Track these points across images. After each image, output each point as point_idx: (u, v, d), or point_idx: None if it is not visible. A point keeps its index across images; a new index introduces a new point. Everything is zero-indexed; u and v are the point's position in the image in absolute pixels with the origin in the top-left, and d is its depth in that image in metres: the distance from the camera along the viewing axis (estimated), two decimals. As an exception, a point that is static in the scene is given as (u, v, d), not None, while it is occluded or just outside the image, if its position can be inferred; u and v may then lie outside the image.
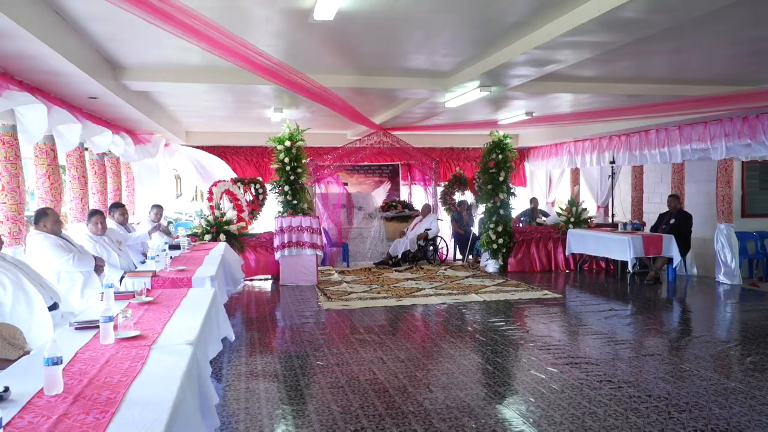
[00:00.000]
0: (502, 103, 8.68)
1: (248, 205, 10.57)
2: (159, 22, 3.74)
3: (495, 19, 4.65)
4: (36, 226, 4.97)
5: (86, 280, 5.07)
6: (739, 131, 8.02)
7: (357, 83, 6.69)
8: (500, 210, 10.19)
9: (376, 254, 11.52)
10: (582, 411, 3.87)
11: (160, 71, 6.26)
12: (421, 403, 4.04)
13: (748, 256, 9.65)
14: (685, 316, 7.32)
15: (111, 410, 1.94)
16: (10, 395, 2.04)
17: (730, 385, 4.36)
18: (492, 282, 9.04)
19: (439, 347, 5.59)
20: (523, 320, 6.70)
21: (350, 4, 4.18)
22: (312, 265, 9.16)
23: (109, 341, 2.74)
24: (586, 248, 9.74)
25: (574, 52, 5.06)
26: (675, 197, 9.42)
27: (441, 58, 5.98)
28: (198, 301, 3.77)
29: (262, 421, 3.76)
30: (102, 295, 3.65)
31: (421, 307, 7.34)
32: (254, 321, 6.72)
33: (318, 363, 5.02)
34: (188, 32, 3.98)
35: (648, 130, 9.72)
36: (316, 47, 5.48)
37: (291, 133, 9.01)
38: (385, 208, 12.37)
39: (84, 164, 7.27)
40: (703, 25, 4.70)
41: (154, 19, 3.65)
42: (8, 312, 3.56)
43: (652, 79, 7.01)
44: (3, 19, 3.46)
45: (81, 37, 4.93)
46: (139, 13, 3.58)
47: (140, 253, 6.82)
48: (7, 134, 5.09)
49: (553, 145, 12.80)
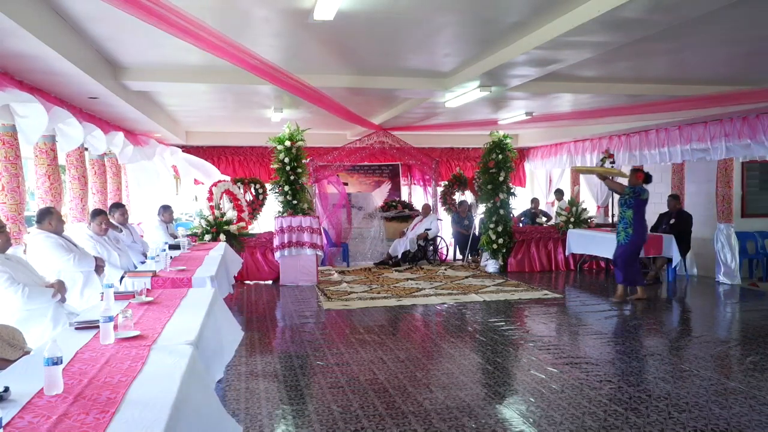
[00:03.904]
0: (502, 103, 8.68)
1: (248, 205, 10.58)
2: (155, 24, 3.75)
3: (495, 19, 4.65)
4: (39, 225, 4.97)
5: (86, 280, 5.08)
6: (739, 131, 8.02)
7: (357, 83, 6.69)
8: (500, 210, 10.19)
9: (376, 254, 11.53)
10: (582, 411, 3.87)
11: (160, 71, 6.26)
12: (421, 403, 4.04)
13: (748, 256, 9.65)
14: (685, 316, 7.32)
15: (111, 410, 1.94)
16: (10, 395, 2.04)
17: (730, 385, 4.36)
18: (492, 282, 9.04)
19: (439, 347, 5.59)
20: (523, 320, 6.70)
21: (350, 4, 4.18)
22: (312, 265, 9.16)
23: (109, 341, 2.74)
24: (586, 248, 9.74)
25: (574, 52, 5.06)
26: (675, 197, 9.42)
27: (441, 58, 5.98)
28: (198, 301, 3.76)
29: (262, 421, 3.76)
30: (102, 295, 3.65)
31: (421, 307, 7.34)
32: (254, 321, 6.72)
33: (318, 363, 5.02)
34: (184, 34, 3.98)
35: (648, 130, 9.72)
36: (316, 47, 5.48)
37: (291, 133, 9.01)
38: (385, 208, 12.38)
39: (84, 164, 7.27)
40: (703, 25, 4.70)
41: (150, 20, 3.66)
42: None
43: (652, 79, 7.01)
44: (3, 19, 3.46)
45: (81, 37, 4.93)
46: (136, 13, 3.58)
47: (140, 253, 6.82)
48: (7, 134, 5.10)
49: (553, 145, 12.80)
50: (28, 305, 3.96)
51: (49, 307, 4.09)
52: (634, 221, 7.33)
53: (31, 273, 4.22)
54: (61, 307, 4.19)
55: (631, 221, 7.33)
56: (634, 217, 7.32)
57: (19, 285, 3.91)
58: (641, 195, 7.30)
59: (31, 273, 4.22)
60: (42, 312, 4.05)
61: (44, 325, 4.03)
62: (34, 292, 3.99)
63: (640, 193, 7.29)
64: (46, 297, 4.07)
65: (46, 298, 4.07)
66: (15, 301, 3.90)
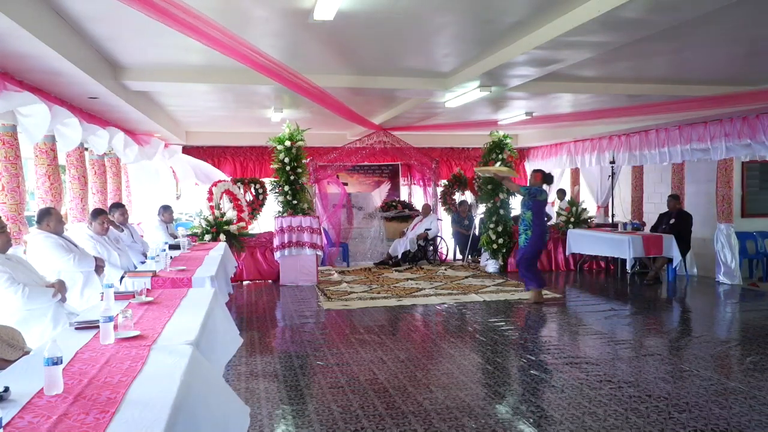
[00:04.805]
0: (502, 103, 8.67)
1: (248, 205, 10.58)
2: (160, 19, 3.74)
3: (495, 19, 4.65)
4: (39, 226, 4.97)
5: (86, 280, 5.08)
6: (739, 131, 8.02)
7: (357, 83, 6.69)
8: (500, 210, 10.20)
9: (376, 254, 11.53)
10: (582, 411, 3.87)
11: (160, 71, 6.26)
12: (421, 403, 4.04)
13: (748, 256, 9.64)
14: (685, 316, 7.32)
15: (111, 410, 1.94)
16: (10, 395, 2.04)
17: (730, 385, 4.36)
18: (492, 282, 9.04)
19: (439, 347, 5.59)
20: (523, 320, 6.70)
21: (350, 4, 4.18)
22: (312, 265, 9.17)
23: (109, 341, 2.74)
24: (586, 248, 9.74)
25: (574, 52, 5.06)
26: (675, 197, 9.42)
27: (441, 58, 5.98)
28: (198, 301, 3.76)
29: (262, 421, 3.76)
30: (102, 295, 3.65)
31: (421, 307, 7.34)
32: (254, 321, 6.72)
33: (318, 363, 5.02)
34: (188, 30, 3.98)
35: (648, 130, 9.72)
36: (316, 47, 5.48)
37: (291, 133, 9.01)
38: (385, 208, 12.37)
39: (84, 164, 7.27)
40: (703, 25, 4.70)
41: (154, 15, 3.65)
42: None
43: (652, 79, 7.01)
44: (3, 19, 3.46)
45: (81, 37, 4.93)
46: (139, 8, 3.57)
47: (140, 253, 6.82)
48: (7, 134, 5.10)
49: (553, 145, 12.80)
50: (29, 305, 3.96)
51: (50, 307, 4.09)
52: (533, 223, 7.18)
53: (31, 273, 4.22)
54: (61, 307, 4.19)
55: (531, 223, 7.19)
56: (533, 219, 7.18)
57: (19, 285, 3.91)
58: (537, 196, 7.15)
59: (31, 273, 4.22)
60: (42, 312, 4.06)
61: (44, 325, 4.03)
62: (35, 292, 3.99)
63: (536, 194, 7.15)
64: (46, 297, 4.07)
65: (46, 298, 4.07)
66: (15, 301, 3.90)
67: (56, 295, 4.13)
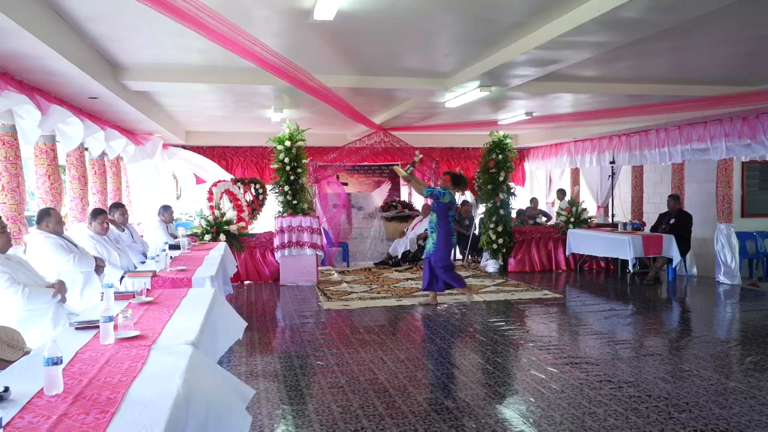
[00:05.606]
0: (502, 103, 8.67)
1: (248, 205, 10.57)
2: (165, 13, 3.74)
3: (495, 19, 4.65)
4: (38, 226, 4.97)
5: (86, 280, 5.08)
6: (739, 131, 8.02)
7: (357, 83, 6.69)
8: (500, 210, 10.19)
9: (376, 254, 11.52)
10: (582, 411, 3.87)
11: (160, 71, 6.26)
12: (421, 403, 4.04)
13: (748, 256, 9.65)
14: (685, 316, 7.32)
15: (111, 410, 1.94)
16: (10, 395, 2.04)
17: (730, 385, 4.36)
18: (492, 282, 9.04)
19: (439, 347, 5.59)
20: (523, 320, 6.70)
21: (350, 4, 4.18)
22: (312, 265, 9.17)
23: (109, 341, 2.74)
24: (586, 248, 9.74)
25: (574, 52, 5.05)
26: (675, 197, 9.42)
27: (441, 58, 5.98)
28: (198, 301, 3.76)
29: (262, 421, 3.76)
30: (102, 295, 3.65)
31: (421, 307, 7.34)
32: (254, 321, 6.72)
33: (318, 363, 5.02)
34: (193, 24, 3.96)
35: (648, 130, 9.72)
36: (316, 47, 5.48)
37: (291, 133, 9.01)
38: (385, 208, 12.37)
39: (84, 164, 7.27)
40: (703, 25, 4.70)
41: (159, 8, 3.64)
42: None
43: (652, 79, 7.00)
44: (3, 19, 3.45)
45: (81, 37, 4.93)
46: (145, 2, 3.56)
47: (140, 253, 6.83)
48: (7, 134, 5.10)
49: (553, 145, 12.80)
50: (29, 305, 3.96)
51: (50, 307, 4.09)
52: (437, 225, 7.10)
53: (31, 273, 4.22)
54: (61, 307, 4.19)
55: (436, 226, 7.12)
56: (438, 221, 7.10)
57: (19, 285, 3.91)
58: (440, 198, 7.01)
59: (31, 273, 4.22)
60: (42, 312, 4.06)
61: (44, 326, 4.03)
62: (35, 292, 3.99)
63: (439, 195, 7.01)
64: (46, 297, 4.07)
65: (46, 298, 4.07)
66: (15, 301, 3.90)
67: (56, 296, 4.14)
